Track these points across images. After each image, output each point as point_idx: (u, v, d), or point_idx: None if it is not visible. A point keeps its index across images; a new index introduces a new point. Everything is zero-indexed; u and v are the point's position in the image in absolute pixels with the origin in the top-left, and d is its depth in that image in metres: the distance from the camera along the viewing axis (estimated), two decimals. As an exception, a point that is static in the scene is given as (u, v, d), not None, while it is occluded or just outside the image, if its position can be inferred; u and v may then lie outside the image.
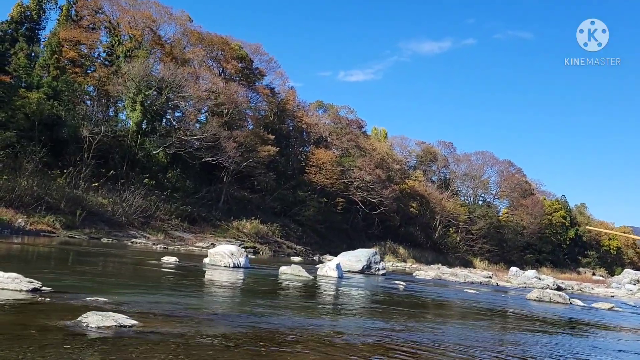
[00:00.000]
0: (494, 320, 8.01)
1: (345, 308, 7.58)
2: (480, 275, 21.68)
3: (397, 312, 7.40)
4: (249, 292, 8.39)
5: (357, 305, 8.21)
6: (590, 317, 10.15)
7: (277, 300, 7.67)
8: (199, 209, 31.03)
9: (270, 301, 7.25)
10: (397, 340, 4.88)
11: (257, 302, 6.82)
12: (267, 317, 5.43)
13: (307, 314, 6.17)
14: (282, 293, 8.92)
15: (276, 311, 6.17)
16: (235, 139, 31.29)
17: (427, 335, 5.49)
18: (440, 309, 8.92)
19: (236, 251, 12.07)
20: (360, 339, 4.75)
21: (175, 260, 11.67)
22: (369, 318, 6.55)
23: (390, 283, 13.34)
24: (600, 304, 12.61)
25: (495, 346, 5.29)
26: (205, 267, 11.76)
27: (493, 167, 61.18)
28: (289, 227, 35.53)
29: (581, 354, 5.45)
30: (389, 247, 42.82)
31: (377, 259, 16.52)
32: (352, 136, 40.84)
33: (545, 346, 5.65)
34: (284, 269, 11.74)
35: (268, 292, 8.71)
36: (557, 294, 11.98)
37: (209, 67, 35.30)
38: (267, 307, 6.44)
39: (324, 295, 9.25)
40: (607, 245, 74.35)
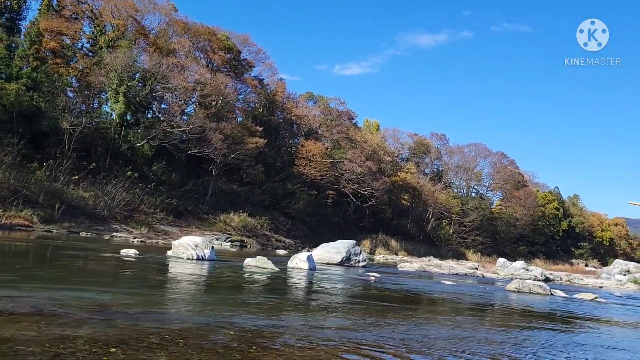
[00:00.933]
0: (455, 314, 7.56)
1: (286, 302, 6.98)
2: (466, 266, 21.29)
3: (346, 308, 6.87)
4: (188, 286, 7.83)
5: (302, 299, 7.65)
6: (568, 308, 9.75)
7: (213, 294, 7.11)
8: (185, 202, 30.51)
9: (207, 296, 6.75)
10: (318, 339, 4.38)
11: (182, 298, 6.31)
12: (165, 315, 4.86)
13: (218, 309, 5.56)
14: (227, 286, 8.34)
15: (193, 307, 5.64)
16: (222, 130, 30.74)
17: (361, 333, 4.96)
18: (404, 302, 8.38)
19: (201, 243, 11.59)
20: (256, 338, 4.16)
21: (135, 253, 11.16)
22: (301, 314, 5.95)
23: (363, 275, 12.79)
24: (582, 294, 12.20)
25: (439, 344, 4.78)
26: (168, 259, 11.28)
27: (486, 159, 60.90)
28: (278, 220, 35.07)
29: (544, 352, 5.02)
30: (381, 239, 42.45)
31: (357, 251, 16.07)
32: (342, 128, 40.33)
33: (504, 344, 5.18)
34: (248, 261, 11.26)
35: (213, 286, 8.20)
36: (538, 285, 11.52)
37: (195, 58, 34.67)
38: (189, 303, 5.90)
39: (275, 288, 8.66)
40: (600, 236, 74.35)
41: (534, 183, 70.45)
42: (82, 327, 3.98)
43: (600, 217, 78.63)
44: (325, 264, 14.94)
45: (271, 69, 39.46)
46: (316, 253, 15.55)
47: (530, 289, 11.41)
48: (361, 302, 7.57)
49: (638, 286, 22.25)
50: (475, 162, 59.67)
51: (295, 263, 12.39)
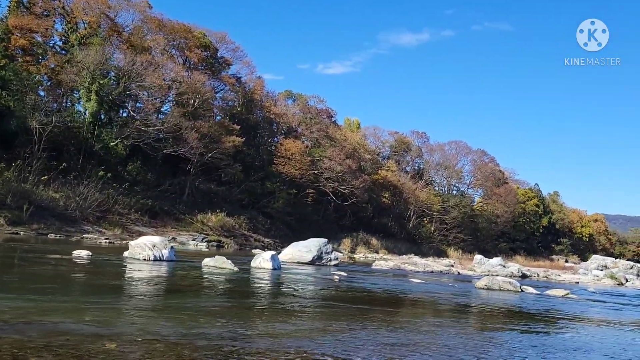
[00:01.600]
0: (414, 316, 7.21)
1: (216, 305, 6.46)
2: (442, 264, 21.16)
3: (296, 311, 6.42)
4: (130, 288, 7.32)
5: (251, 302, 7.07)
6: (537, 306, 9.58)
7: (155, 298, 6.64)
8: (161, 202, 29.98)
9: (145, 301, 6.24)
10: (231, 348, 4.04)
11: (111, 303, 5.75)
12: (51, 325, 4.35)
13: (130, 316, 5.12)
14: (175, 288, 7.71)
15: (117, 315, 5.12)
16: (199, 129, 30.27)
17: (304, 342, 4.58)
18: (361, 303, 7.98)
19: (159, 243, 11.18)
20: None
21: (88, 254, 10.65)
22: (231, 320, 5.43)
23: (328, 275, 12.31)
24: (554, 291, 12.06)
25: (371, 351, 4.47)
26: (125, 260, 10.80)
27: (467, 156, 61.22)
28: (257, 219, 34.69)
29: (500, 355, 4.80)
30: (362, 238, 42.31)
31: (329, 249, 15.77)
32: (321, 126, 40.07)
33: (458, 350, 4.90)
34: (207, 261, 10.86)
35: (159, 289, 7.65)
36: (508, 282, 11.32)
37: (171, 55, 34.11)
38: (116, 310, 5.35)
39: (227, 290, 8.12)
40: (579, 232, 75.29)
41: (515, 180, 71.07)
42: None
43: (579, 214, 79.66)
44: (296, 263, 14.62)
45: (249, 67, 39.09)
46: (287, 252, 15.23)
47: (500, 286, 11.23)
48: (316, 304, 7.23)
49: (614, 281, 22.38)
50: (456, 159, 59.95)
51: (259, 262, 12.02)
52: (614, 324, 8.15)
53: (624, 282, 22.48)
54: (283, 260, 14.65)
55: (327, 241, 15.96)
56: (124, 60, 29.08)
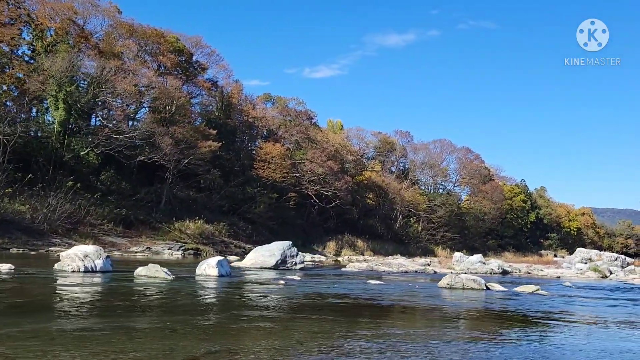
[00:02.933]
0: (350, 325, 6.17)
1: (80, 327, 5.18)
2: (418, 263, 20.61)
3: (180, 331, 5.24)
4: (24, 306, 6.32)
5: (161, 320, 5.81)
6: (499, 305, 8.87)
7: (50, 318, 5.59)
8: (136, 211, 29.18)
9: (35, 322, 5.24)
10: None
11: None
12: None
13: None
14: (84, 307, 6.53)
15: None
16: (173, 135, 29.54)
17: None
18: (298, 312, 7.12)
19: (93, 252, 10.43)
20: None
21: (10, 268, 9.67)
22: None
23: (278, 280, 11.34)
24: (523, 287, 11.40)
25: None
26: (52, 273, 9.85)
27: (452, 154, 60.94)
28: (238, 225, 33.97)
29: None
30: (347, 240, 41.74)
31: (294, 252, 15.06)
32: (301, 128, 39.47)
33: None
34: (139, 270, 10.03)
35: (66, 306, 6.50)
36: (471, 279, 10.68)
37: (144, 61, 33.36)
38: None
39: (148, 305, 7.04)
40: (567, 226, 75.30)
41: (501, 177, 70.89)
42: None
43: (567, 208, 79.70)
44: (259, 268, 13.92)
45: (226, 71, 38.46)
46: (250, 257, 14.56)
47: (463, 285, 10.58)
48: (225, 318, 6.26)
49: (598, 274, 21.95)
50: (441, 158, 59.64)
51: (203, 270, 11.20)
52: (580, 322, 7.46)
53: (608, 274, 22.06)
54: (246, 266, 14.00)
55: (291, 244, 15.27)
56: (94, 66, 28.35)
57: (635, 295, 12.70)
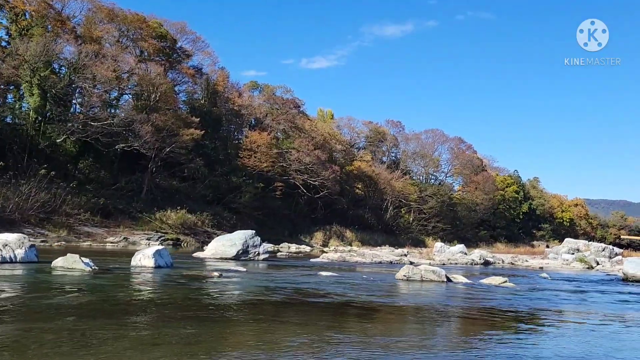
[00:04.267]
0: (273, 324, 5.43)
1: None
2: (394, 254, 20.01)
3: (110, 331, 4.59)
4: None
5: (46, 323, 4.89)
6: (452, 301, 7.94)
7: None
8: (116, 200, 28.48)
9: None
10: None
11: None
12: None
13: None
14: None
15: None
16: (154, 122, 28.76)
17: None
18: (204, 310, 6.17)
19: (14, 241, 9.70)
20: None
21: None
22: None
23: (206, 272, 10.32)
24: (489, 279, 10.61)
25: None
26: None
27: (444, 144, 60.34)
28: (222, 215, 33.30)
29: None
30: (335, 230, 41.14)
31: (257, 242, 14.37)
32: (288, 116, 38.71)
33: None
34: (57, 261, 9.25)
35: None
36: (431, 270, 9.93)
37: (125, 47, 32.49)
38: None
39: (48, 305, 5.91)
40: (560, 217, 74.93)
41: (494, 167, 70.38)
42: None
43: (560, 199, 79.29)
44: (219, 259, 13.27)
45: (211, 58, 37.60)
46: (210, 247, 13.92)
47: (422, 277, 9.82)
48: (131, 323, 5.19)
49: (584, 265, 21.43)
50: (433, 148, 59.05)
51: (139, 260, 10.39)
52: (532, 319, 6.62)
53: (594, 265, 21.54)
54: (206, 256, 13.36)
55: (254, 233, 14.58)
56: (71, 51, 27.53)
57: (610, 287, 11.98)
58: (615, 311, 7.63)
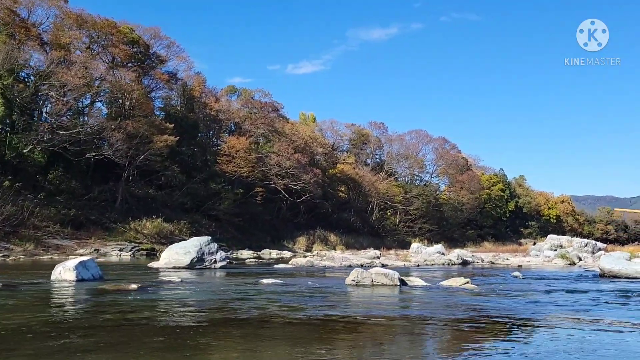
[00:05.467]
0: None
1: None
2: (366, 256, 19.40)
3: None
4: None
5: None
6: (398, 310, 6.88)
7: None
8: (88, 211, 27.60)
9: None
10: None
11: None
12: None
13: None
14: None
15: None
16: (125, 129, 27.97)
17: None
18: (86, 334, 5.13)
19: None
20: None
21: None
22: None
23: (153, 284, 9.29)
24: (450, 281, 9.76)
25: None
26: None
27: (428, 145, 60.00)
28: (200, 223, 32.54)
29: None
30: (319, 235, 40.50)
31: (213, 249, 13.59)
32: (267, 120, 38.05)
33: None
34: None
35: None
36: (382, 274, 9.05)
37: (95, 53, 31.68)
38: None
39: None
40: (547, 214, 74.93)
41: (479, 167, 70.25)
42: None
43: (546, 196, 79.35)
44: (172, 268, 12.50)
45: (187, 63, 36.86)
46: (163, 256, 13.16)
47: (373, 281, 9.03)
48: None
49: (565, 261, 20.99)
50: (417, 148, 58.67)
51: (59, 273, 9.39)
52: (476, 329, 5.60)
53: (576, 261, 21.09)
54: (160, 266, 12.63)
55: (210, 240, 13.81)
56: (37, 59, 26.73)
57: (583, 284, 11.23)
58: (578, 314, 6.59)
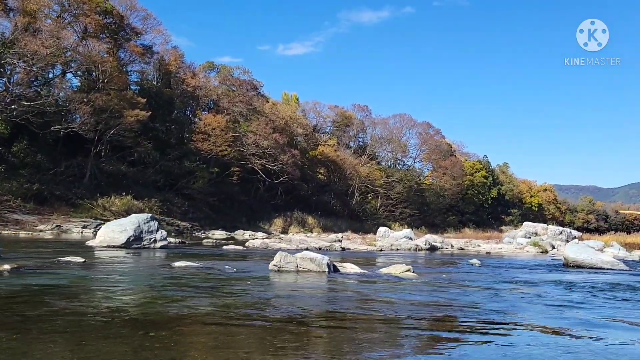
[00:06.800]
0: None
1: None
2: (327, 239, 18.81)
3: None
4: None
5: None
6: (315, 301, 5.81)
7: None
8: (53, 186, 26.68)
9: None
10: None
11: None
12: None
13: None
14: None
15: None
16: (94, 103, 26.94)
17: None
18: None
19: None
20: None
21: None
22: None
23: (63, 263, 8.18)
24: (391, 268, 8.84)
25: None
26: None
27: (412, 129, 59.42)
28: (172, 201, 31.73)
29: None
30: (296, 217, 39.89)
31: (153, 227, 12.79)
32: (245, 98, 37.09)
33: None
34: None
35: None
36: (308, 259, 8.17)
37: (66, 23, 30.40)
38: None
39: None
40: (529, 202, 75.10)
41: (463, 153, 69.95)
42: None
43: (529, 184, 79.48)
44: (106, 247, 11.77)
45: (163, 36, 35.64)
46: (100, 234, 12.42)
47: (298, 266, 8.14)
48: None
49: (538, 249, 20.65)
50: (401, 133, 58.07)
51: None
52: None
53: (549, 249, 20.77)
54: (95, 244, 11.92)
55: (150, 217, 13.00)
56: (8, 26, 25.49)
57: (543, 274, 10.39)
58: (499, 317, 5.32)
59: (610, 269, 11.53)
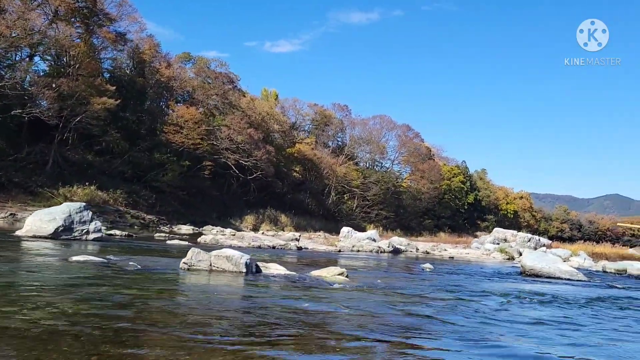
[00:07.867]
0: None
1: None
2: (282, 238, 18.25)
3: None
4: None
5: None
6: (212, 307, 5.06)
7: None
8: (12, 173, 25.64)
9: None
10: None
11: None
12: None
13: None
14: None
15: None
16: (59, 88, 25.96)
17: None
18: None
19: None
20: None
21: None
22: None
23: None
24: (321, 271, 8.08)
25: None
26: None
27: (391, 131, 59.19)
28: (139, 194, 30.80)
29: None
30: (269, 214, 39.22)
31: (86, 217, 12.01)
32: (220, 91, 36.31)
33: None
34: None
35: None
36: (224, 257, 7.34)
37: (36, 4, 29.29)
38: None
39: None
40: (505, 209, 75.55)
41: (442, 157, 70.00)
42: None
43: (506, 191, 80.00)
44: (32, 237, 11.03)
45: (138, 23, 34.62)
46: (27, 222, 11.67)
47: (211, 265, 7.40)
48: None
49: (504, 255, 20.40)
50: (380, 134, 57.80)
51: None
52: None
53: (516, 256, 20.50)
54: (22, 233, 11.20)
55: (83, 207, 12.23)
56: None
57: (496, 283, 9.76)
58: (411, 335, 4.63)
59: (568, 279, 11.16)
